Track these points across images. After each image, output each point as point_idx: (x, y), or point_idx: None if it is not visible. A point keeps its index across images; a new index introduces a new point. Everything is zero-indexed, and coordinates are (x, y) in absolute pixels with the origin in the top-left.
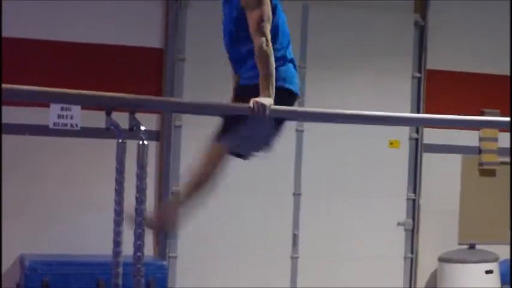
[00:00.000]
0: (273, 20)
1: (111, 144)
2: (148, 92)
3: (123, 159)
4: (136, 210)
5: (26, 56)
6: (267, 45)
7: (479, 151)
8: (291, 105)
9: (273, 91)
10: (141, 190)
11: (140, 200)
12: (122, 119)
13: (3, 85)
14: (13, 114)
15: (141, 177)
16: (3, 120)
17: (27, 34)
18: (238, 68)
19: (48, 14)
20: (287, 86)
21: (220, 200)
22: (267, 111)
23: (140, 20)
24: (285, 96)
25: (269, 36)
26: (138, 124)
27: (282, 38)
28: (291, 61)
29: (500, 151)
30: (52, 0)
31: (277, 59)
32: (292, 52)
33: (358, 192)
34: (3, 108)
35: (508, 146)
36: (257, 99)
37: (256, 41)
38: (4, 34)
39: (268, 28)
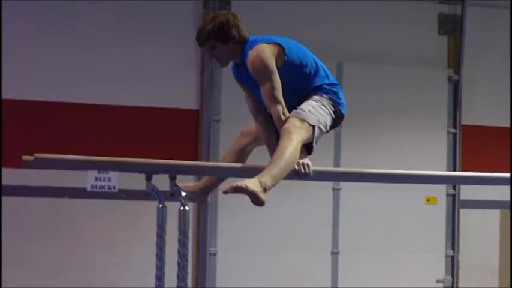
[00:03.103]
0: (301, 61)
1: (149, 205)
2: (185, 153)
3: (163, 224)
4: (178, 276)
5: (64, 119)
6: (284, 113)
7: None
8: (338, 125)
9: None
10: (182, 256)
11: (182, 265)
12: (160, 180)
13: (47, 155)
14: (51, 177)
15: (182, 242)
16: (44, 184)
17: (65, 98)
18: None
19: (86, 78)
20: (343, 111)
21: (259, 257)
22: (311, 170)
23: (176, 82)
24: (338, 118)
25: (283, 103)
26: (179, 190)
27: (321, 70)
28: (338, 84)
29: None
30: (89, 64)
31: (331, 85)
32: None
33: (396, 250)
34: (44, 171)
35: None
36: (301, 160)
37: (273, 110)
38: (43, 98)
39: (280, 95)
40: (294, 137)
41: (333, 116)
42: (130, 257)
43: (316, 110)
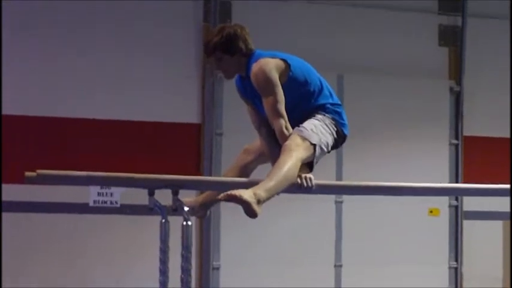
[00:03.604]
0: (306, 79)
1: (151, 220)
2: (187, 167)
3: (166, 239)
4: None
5: (65, 134)
6: (287, 128)
7: None
8: (340, 146)
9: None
10: (186, 270)
11: (186, 280)
12: (162, 195)
13: (50, 171)
14: (53, 193)
15: (186, 257)
16: (45, 200)
17: (66, 113)
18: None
19: (86, 93)
20: (345, 132)
21: (262, 271)
22: (314, 184)
23: (177, 96)
24: (340, 139)
25: (286, 117)
26: (182, 204)
27: (325, 89)
28: (341, 105)
29: None
30: (89, 79)
31: (334, 105)
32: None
33: (400, 262)
34: (44, 187)
35: None
36: (303, 174)
37: (276, 123)
38: (44, 114)
39: (283, 108)
40: (294, 154)
41: (335, 136)
42: (133, 272)
43: (318, 129)
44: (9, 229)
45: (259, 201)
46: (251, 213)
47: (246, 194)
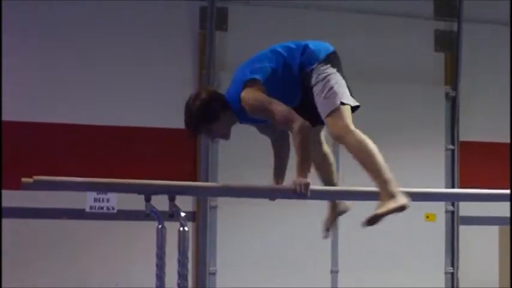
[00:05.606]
0: (273, 71)
1: (148, 225)
2: (184, 172)
3: (163, 245)
4: None
5: (62, 140)
6: (302, 126)
7: None
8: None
9: (309, 170)
10: (182, 276)
11: (182, 286)
12: (159, 200)
13: (46, 177)
14: (50, 199)
15: (182, 263)
16: (41, 206)
17: (63, 119)
18: None
19: (84, 99)
20: (324, 55)
21: (259, 276)
22: (309, 192)
23: (173, 101)
24: (335, 60)
25: (295, 115)
26: (179, 210)
27: (287, 55)
28: (305, 43)
29: None
30: (87, 85)
31: (304, 54)
32: None
33: (396, 267)
34: (41, 193)
35: None
36: (298, 180)
37: (291, 127)
38: (41, 120)
39: (288, 110)
40: (349, 136)
41: (335, 68)
42: (130, 278)
43: (327, 91)
44: (6, 235)
45: (392, 196)
46: (400, 210)
47: (380, 209)
